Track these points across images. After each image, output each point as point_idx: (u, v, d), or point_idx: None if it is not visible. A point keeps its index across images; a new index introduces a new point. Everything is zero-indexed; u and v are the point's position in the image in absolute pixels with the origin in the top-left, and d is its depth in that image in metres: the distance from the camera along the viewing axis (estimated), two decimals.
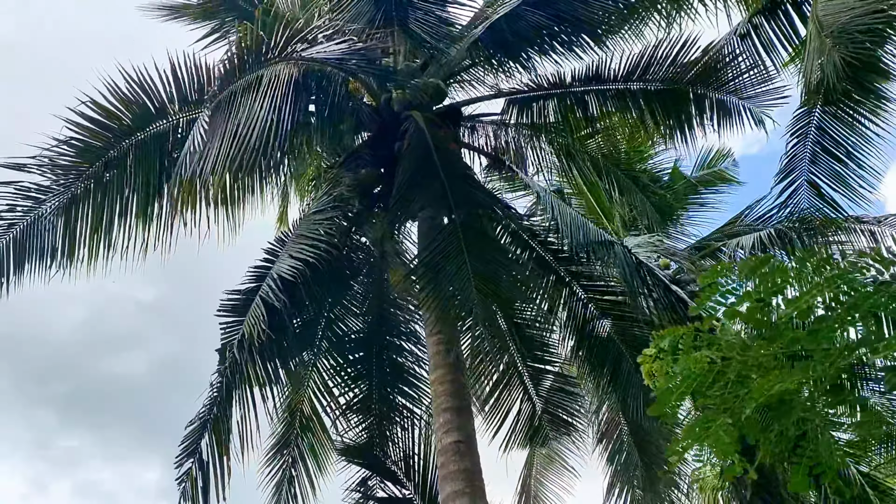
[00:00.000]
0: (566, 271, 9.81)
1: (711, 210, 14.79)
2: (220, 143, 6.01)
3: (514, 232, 9.87)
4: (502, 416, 9.54)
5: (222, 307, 7.91)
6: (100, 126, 6.98)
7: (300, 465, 9.27)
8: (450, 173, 7.46)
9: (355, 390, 9.30)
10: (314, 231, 7.95)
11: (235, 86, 6.39)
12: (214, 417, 7.12)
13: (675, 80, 9.21)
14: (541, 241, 9.88)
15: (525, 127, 9.98)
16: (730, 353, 3.46)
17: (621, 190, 10.98)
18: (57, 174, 7.42)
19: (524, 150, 10.49)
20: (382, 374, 9.20)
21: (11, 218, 8.03)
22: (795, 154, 10.34)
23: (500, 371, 9.55)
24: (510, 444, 9.53)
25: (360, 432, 9.09)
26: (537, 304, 9.70)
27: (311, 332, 9.27)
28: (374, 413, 9.10)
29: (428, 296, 6.72)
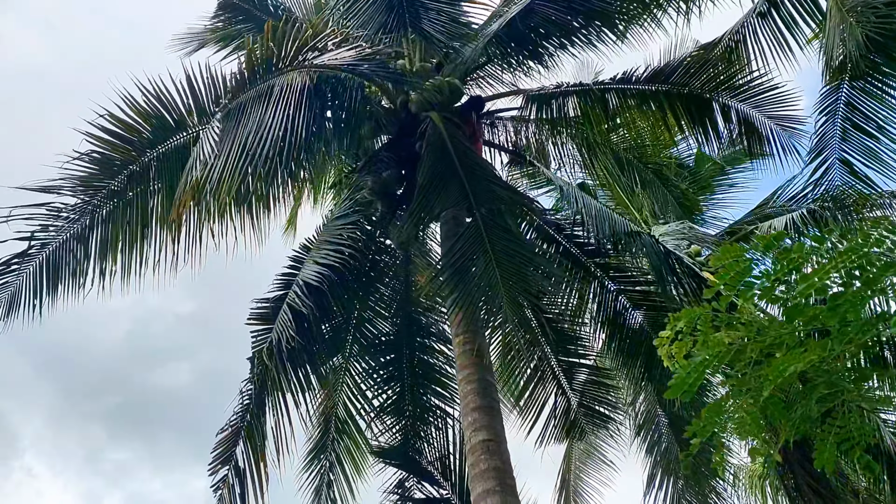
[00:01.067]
0: (594, 264, 9.75)
1: (742, 190, 14.51)
2: (230, 152, 6.06)
3: (539, 227, 9.85)
4: (537, 411, 9.49)
5: (252, 315, 8.02)
6: (120, 139, 7.11)
7: (338, 469, 9.33)
8: (469, 171, 7.44)
9: (388, 392, 9.34)
10: (338, 236, 8.00)
11: (246, 96, 6.44)
12: (248, 424, 7.20)
13: (699, 88, 9.11)
14: (567, 236, 9.84)
15: (545, 122, 9.92)
16: (748, 333, 3.40)
17: (643, 183, 10.83)
18: (82, 191, 7.56)
19: (545, 145, 10.44)
20: (414, 376, 9.22)
21: (44, 238, 8.21)
22: (825, 132, 10.10)
23: (533, 367, 9.50)
24: (546, 439, 9.46)
25: (395, 434, 9.12)
26: (567, 298, 9.65)
27: (342, 337, 9.33)
28: (408, 414, 9.12)
29: (456, 297, 6.71)
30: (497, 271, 6.40)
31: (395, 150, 9.08)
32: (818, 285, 2.66)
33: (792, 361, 2.82)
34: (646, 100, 9.35)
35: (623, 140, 10.82)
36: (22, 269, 8.24)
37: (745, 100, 9.07)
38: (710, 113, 9.22)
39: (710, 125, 9.37)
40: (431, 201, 7.31)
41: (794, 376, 2.91)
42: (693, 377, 3.43)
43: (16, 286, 8.27)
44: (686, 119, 9.34)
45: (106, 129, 6.97)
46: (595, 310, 9.70)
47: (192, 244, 8.44)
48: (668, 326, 3.75)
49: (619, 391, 10.22)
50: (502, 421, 6.59)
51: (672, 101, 9.18)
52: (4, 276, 8.16)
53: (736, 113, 9.14)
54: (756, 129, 9.14)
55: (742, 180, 14.59)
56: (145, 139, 7.10)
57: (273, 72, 6.56)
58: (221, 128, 6.16)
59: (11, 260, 8.13)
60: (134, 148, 7.12)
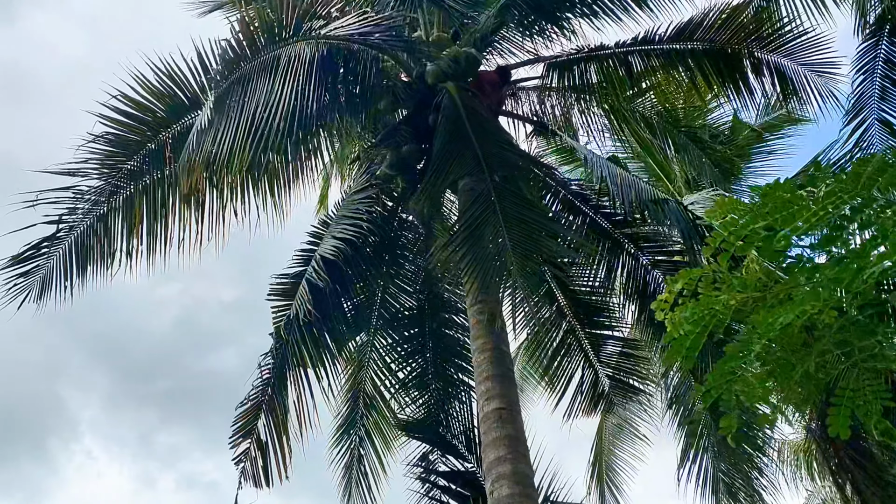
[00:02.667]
0: (623, 235, 9.55)
1: (781, 157, 14.03)
2: (238, 125, 6.04)
3: (564, 198, 9.67)
4: (564, 384, 9.38)
5: (272, 291, 8.06)
6: (135, 119, 7.17)
7: (367, 444, 9.38)
8: (482, 139, 7.31)
9: (412, 366, 9.33)
10: (355, 210, 7.97)
11: (251, 66, 6.40)
12: (269, 398, 7.25)
13: (725, 42, 8.73)
14: (593, 206, 9.65)
15: (568, 90, 9.69)
16: (747, 291, 3.24)
17: (677, 148, 10.51)
18: (103, 173, 7.66)
19: (570, 113, 10.21)
20: (437, 350, 9.19)
21: (72, 220, 8.36)
22: (863, 92, 9.67)
23: (560, 339, 9.37)
24: (574, 412, 9.36)
25: (419, 408, 9.11)
26: (595, 269, 9.49)
27: (367, 314, 9.34)
28: (432, 388, 9.10)
29: (468, 264, 6.62)
30: (507, 237, 6.28)
31: (413, 123, 8.97)
32: (803, 230, 2.50)
33: (782, 313, 2.67)
34: (671, 60, 9.02)
35: (653, 105, 10.50)
36: (52, 252, 8.43)
37: (774, 49, 8.65)
38: (741, 68, 8.82)
39: (742, 81, 8.97)
40: (445, 170, 7.20)
41: (790, 331, 2.76)
42: (689, 340, 3.29)
43: (47, 268, 8.47)
44: (715, 77, 8.98)
45: (119, 111, 7.03)
46: (624, 281, 9.52)
47: (215, 223, 8.53)
48: (665, 289, 3.60)
49: (650, 364, 10.03)
50: (516, 389, 6.51)
51: (699, 60, 8.83)
52: (36, 259, 8.35)
53: (767, 65, 8.73)
54: (789, 78, 8.73)
55: (781, 147, 14.15)
56: (160, 118, 7.15)
57: (277, 42, 6.50)
58: (222, 101, 6.13)
59: (41, 244, 8.31)
60: (149, 127, 7.17)
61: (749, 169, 14.11)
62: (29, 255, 8.24)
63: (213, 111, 5.98)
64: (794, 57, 8.69)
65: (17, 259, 8.21)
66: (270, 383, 7.40)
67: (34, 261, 8.35)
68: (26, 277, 8.26)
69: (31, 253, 8.28)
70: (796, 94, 8.79)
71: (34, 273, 8.36)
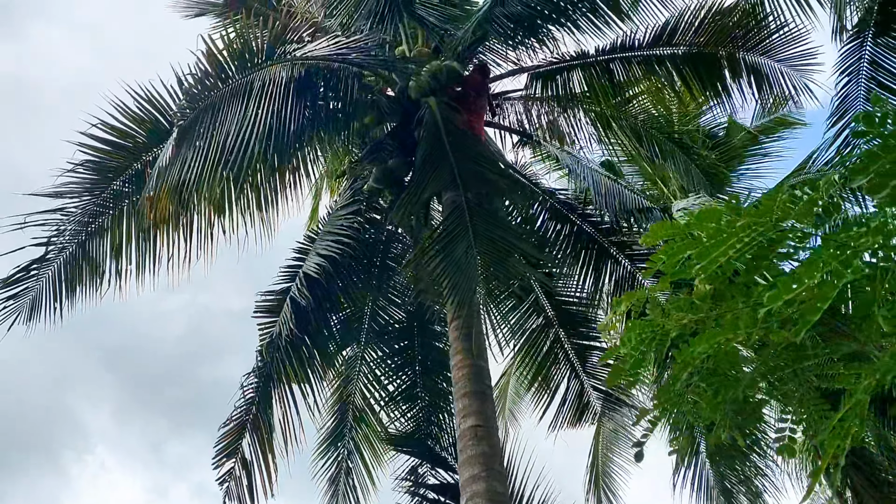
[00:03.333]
0: (609, 242, 9.57)
1: (776, 159, 14.02)
2: (205, 156, 6.10)
3: (551, 207, 9.70)
4: (551, 394, 9.39)
5: (258, 308, 8.12)
6: (115, 147, 7.24)
7: (356, 457, 9.42)
8: (460, 155, 7.36)
9: (402, 378, 9.37)
10: (339, 227, 8.02)
11: (220, 94, 6.46)
12: (254, 417, 7.30)
13: (703, 45, 8.74)
14: (580, 215, 9.67)
15: (552, 100, 9.71)
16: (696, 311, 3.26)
17: (664, 155, 10.50)
18: (87, 196, 7.75)
19: (557, 122, 10.23)
20: (425, 362, 9.23)
21: (60, 243, 8.45)
22: (848, 93, 9.62)
23: (546, 350, 9.39)
24: (559, 423, 9.37)
25: (409, 421, 9.15)
26: (581, 278, 9.51)
27: (356, 326, 9.39)
28: (421, 401, 9.14)
29: (443, 279, 6.66)
30: (476, 255, 6.31)
31: (400, 137, 9.02)
32: (713, 265, 2.52)
33: (700, 343, 2.69)
34: (652, 65, 9.04)
35: (640, 113, 10.51)
36: (42, 274, 8.52)
37: (751, 48, 8.66)
38: (718, 69, 8.85)
39: (720, 82, 8.98)
40: (423, 185, 7.25)
41: (706, 361, 2.78)
42: (630, 361, 3.31)
43: (37, 290, 8.56)
44: (694, 81, 8.98)
45: (101, 139, 7.12)
46: (612, 289, 9.54)
47: (203, 241, 8.59)
48: (609, 312, 3.64)
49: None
50: (493, 406, 6.53)
51: (678, 64, 8.85)
52: (25, 281, 8.45)
53: (743, 64, 8.73)
54: (765, 75, 8.73)
55: (776, 149, 14.13)
56: (141, 143, 7.22)
57: (249, 68, 6.57)
58: (187, 133, 6.19)
59: (31, 266, 8.41)
60: (130, 152, 7.25)
61: (744, 170, 14.11)
62: (18, 278, 8.33)
63: (177, 145, 6.04)
64: (769, 54, 8.69)
65: (6, 282, 8.31)
66: (255, 402, 7.45)
67: (23, 283, 8.45)
68: (16, 300, 8.35)
69: (21, 275, 8.38)
70: (772, 90, 8.78)
71: (24, 295, 8.45)
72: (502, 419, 11.52)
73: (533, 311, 9.48)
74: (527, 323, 9.34)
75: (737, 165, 13.89)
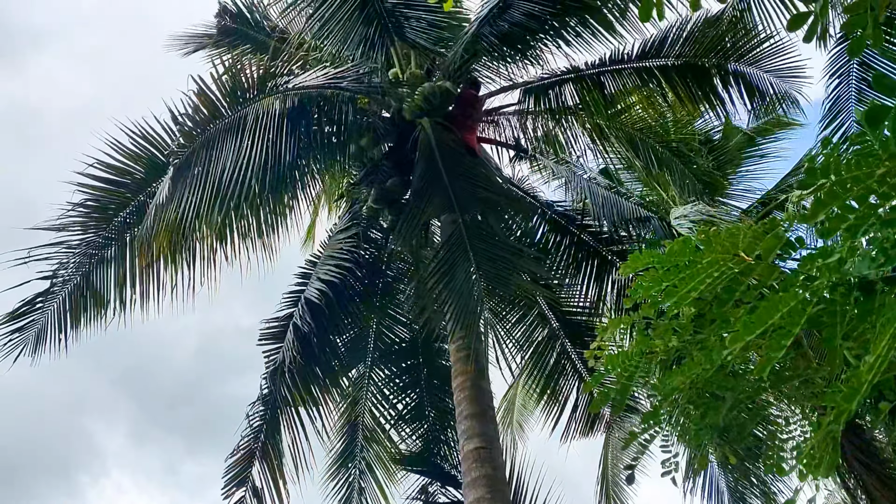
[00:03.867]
0: (609, 251, 9.63)
1: (773, 160, 14.02)
2: (202, 192, 6.20)
3: (550, 219, 9.78)
4: (560, 405, 9.44)
5: (263, 336, 8.21)
6: (112, 184, 7.37)
7: (368, 476, 9.48)
8: (455, 176, 7.44)
9: (410, 396, 9.44)
10: (339, 251, 8.11)
11: (213, 132, 6.57)
12: (262, 444, 7.38)
13: (692, 56, 8.82)
14: (580, 225, 9.74)
15: (546, 113, 9.80)
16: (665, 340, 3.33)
17: (660, 164, 10.54)
18: (89, 230, 7.88)
19: (553, 134, 10.31)
20: (431, 380, 9.29)
21: (65, 275, 8.59)
22: (839, 96, 9.68)
23: (553, 361, 9.44)
24: (570, 434, 9.41)
25: (417, 440, 9.21)
26: (584, 288, 9.57)
27: (362, 345, 9.47)
28: (428, 419, 9.20)
29: (444, 301, 6.73)
30: (477, 280, 6.38)
31: (396, 157, 9.12)
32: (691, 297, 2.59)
33: (676, 376, 2.76)
34: (643, 77, 9.12)
35: (634, 122, 10.57)
36: (46, 306, 8.66)
37: (740, 58, 8.75)
38: (709, 79, 8.93)
39: (711, 92, 9.08)
40: (420, 209, 7.33)
41: (686, 389, 2.85)
42: (615, 392, 3.38)
43: (42, 322, 8.70)
44: (685, 90, 9.07)
45: (98, 177, 7.24)
46: (615, 298, 9.60)
47: (206, 267, 8.71)
48: (596, 339, 3.71)
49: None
50: (496, 426, 6.59)
51: (668, 75, 8.93)
52: (31, 314, 8.59)
53: (734, 74, 8.82)
54: (751, 83, 8.81)
55: (773, 149, 14.13)
56: (139, 179, 7.34)
57: (242, 103, 6.68)
58: (182, 172, 6.30)
59: (35, 299, 8.54)
60: (129, 189, 7.37)
61: (742, 172, 14.12)
62: (24, 311, 8.47)
63: (172, 185, 6.16)
64: (758, 64, 8.76)
65: (12, 315, 8.45)
66: (263, 430, 7.53)
67: (29, 316, 8.58)
68: (21, 332, 8.49)
69: (26, 309, 8.52)
70: (763, 99, 8.86)
71: (29, 328, 8.59)
72: (510, 431, 11.57)
73: (538, 323, 9.54)
74: (532, 335, 9.40)
75: (734, 168, 13.92)
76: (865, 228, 1.97)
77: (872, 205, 1.96)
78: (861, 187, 1.85)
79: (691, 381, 2.75)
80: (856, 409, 2.17)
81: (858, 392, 1.88)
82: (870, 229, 2.00)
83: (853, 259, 2.02)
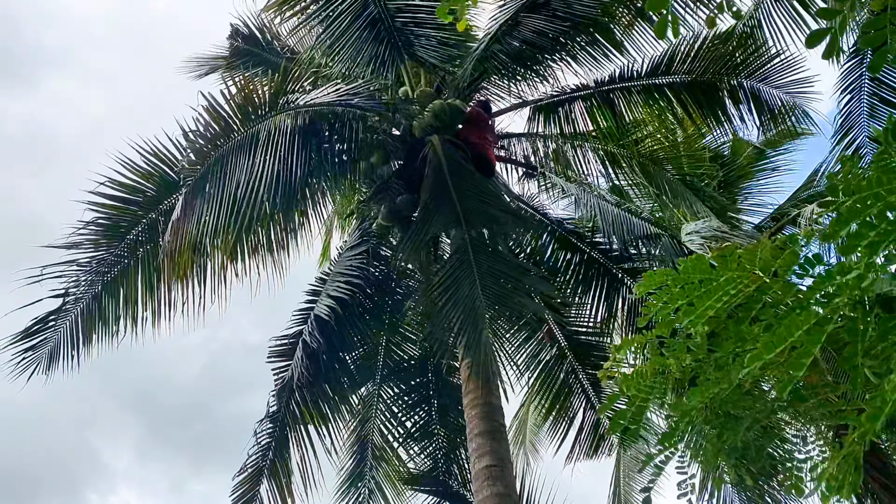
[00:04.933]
0: (620, 269, 9.59)
1: (784, 173, 13.96)
2: (218, 210, 6.22)
3: (560, 237, 9.75)
4: (567, 425, 9.36)
5: (272, 353, 8.19)
6: (124, 202, 7.40)
7: (378, 495, 9.40)
8: (463, 194, 7.44)
9: (419, 414, 9.38)
10: (348, 268, 8.11)
11: (227, 149, 6.60)
12: (270, 462, 7.34)
13: (701, 73, 8.83)
14: (590, 243, 9.71)
15: (557, 137, 9.81)
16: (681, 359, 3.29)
17: (674, 193, 10.49)
18: (101, 248, 7.90)
19: (564, 152, 10.30)
20: (441, 398, 9.23)
21: (77, 293, 8.61)
22: (851, 111, 9.69)
23: (561, 381, 9.37)
24: (575, 455, 9.33)
25: (426, 458, 9.14)
26: (593, 307, 9.52)
27: (371, 363, 9.44)
28: (438, 437, 9.13)
29: (450, 320, 6.71)
30: (482, 297, 6.36)
31: (406, 174, 9.13)
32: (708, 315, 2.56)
33: (695, 395, 2.72)
34: (652, 95, 9.12)
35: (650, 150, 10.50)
36: (59, 324, 8.67)
37: (749, 75, 8.74)
38: (719, 96, 8.93)
39: (720, 109, 9.08)
40: (428, 225, 7.33)
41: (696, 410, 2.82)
42: (630, 410, 3.34)
43: (54, 341, 8.71)
44: (695, 108, 9.07)
45: (110, 196, 7.29)
46: (626, 316, 9.54)
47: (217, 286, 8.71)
48: (610, 357, 3.68)
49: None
50: (507, 444, 6.53)
51: (677, 92, 8.93)
52: (43, 332, 8.60)
53: (743, 90, 8.80)
54: (764, 101, 8.79)
55: (784, 163, 14.08)
56: (151, 197, 7.38)
57: (254, 120, 6.72)
58: (197, 190, 6.33)
59: (48, 317, 8.56)
60: (141, 206, 7.41)
61: (754, 186, 14.05)
62: (36, 330, 8.49)
63: (188, 202, 6.19)
64: (768, 80, 8.76)
65: (25, 334, 8.47)
66: (271, 447, 7.49)
67: (42, 334, 8.60)
68: (34, 351, 8.50)
69: (39, 327, 8.54)
70: (773, 115, 8.84)
71: (42, 346, 8.60)
72: (523, 451, 11.47)
73: (546, 342, 9.48)
74: (540, 354, 9.35)
75: (746, 182, 13.87)
76: (886, 245, 1.94)
77: (893, 221, 1.93)
78: (881, 204, 1.82)
79: (708, 400, 2.70)
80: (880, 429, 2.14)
81: (882, 411, 1.85)
82: (890, 245, 1.97)
83: (873, 276, 1.99)
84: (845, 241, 1.89)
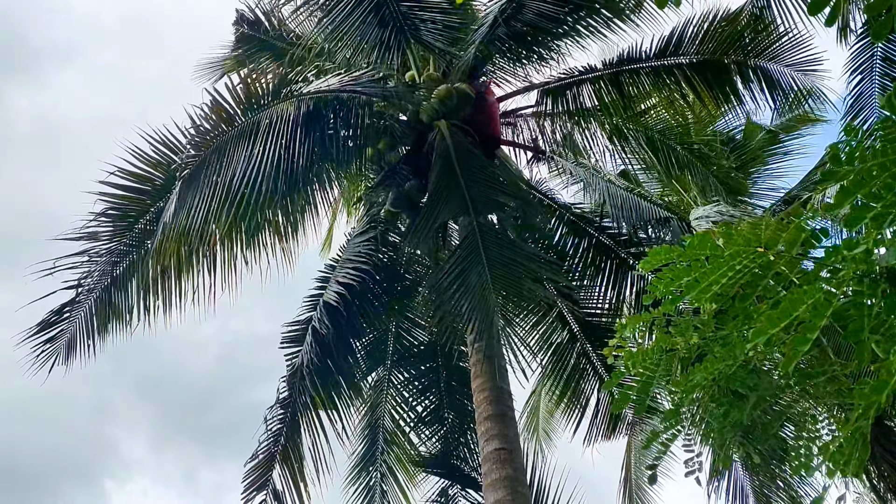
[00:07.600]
0: (628, 253, 9.55)
1: (798, 157, 13.83)
2: (211, 198, 6.23)
3: (569, 221, 9.72)
4: (581, 408, 9.37)
5: (284, 339, 8.23)
6: (133, 192, 7.44)
7: (390, 479, 9.46)
8: (471, 180, 7.42)
9: (430, 398, 9.42)
10: (356, 254, 8.12)
11: (226, 138, 6.60)
12: (282, 447, 7.39)
13: (711, 52, 8.75)
14: (598, 227, 9.68)
15: (564, 115, 9.75)
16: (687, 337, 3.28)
17: (680, 166, 10.43)
18: (113, 237, 7.95)
19: (571, 136, 10.25)
20: (450, 382, 9.26)
21: (89, 284, 8.67)
22: (861, 92, 9.56)
23: (573, 363, 9.37)
24: (591, 437, 9.34)
25: (437, 442, 9.18)
26: (602, 290, 9.51)
27: (381, 348, 9.48)
28: (448, 421, 9.17)
29: (460, 303, 6.71)
30: (490, 283, 6.36)
31: (414, 160, 9.11)
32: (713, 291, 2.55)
33: (699, 372, 2.72)
34: (660, 75, 9.05)
35: (657, 122, 10.47)
36: (74, 315, 8.75)
37: (759, 54, 8.66)
38: (729, 77, 8.84)
39: (731, 89, 8.99)
40: (436, 211, 7.32)
41: (704, 386, 2.81)
42: (637, 390, 3.34)
43: (71, 331, 8.79)
44: (704, 88, 8.99)
45: (120, 185, 7.32)
46: (634, 299, 9.52)
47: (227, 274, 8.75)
48: (616, 334, 3.66)
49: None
50: (516, 427, 6.54)
51: (686, 73, 8.85)
52: (59, 324, 8.69)
53: (754, 71, 8.72)
54: (772, 78, 8.71)
55: (797, 146, 13.95)
56: (159, 185, 7.41)
57: (256, 110, 6.71)
58: (192, 181, 6.34)
59: (63, 309, 8.64)
60: (148, 196, 7.44)
61: (766, 170, 13.94)
62: (53, 321, 8.57)
63: (181, 193, 6.20)
64: (778, 59, 8.66)
65: (42, 326, 8.55)
66: (283, 433, 7.55)
67: (58, 326, 8.67)
68: (52, 343, 8.58)
69: (55, 319, 8.61)
70: (784, 94, 8.75)
71: (59, 338, 8.68)
72: (535, 438, 11.49)
73: (557, 325, 9.48)
74: (552, 338, 9.34)
75: (758, 166, 13.75)
76: (892, 218, 1.92)
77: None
78: (887, 175, 1.80)
79: (714, 378, 2.69)
80: (885, 401, 2.12)
81: (888, 384, 1.84)
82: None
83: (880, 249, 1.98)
84: (850, 214, 1.87)
